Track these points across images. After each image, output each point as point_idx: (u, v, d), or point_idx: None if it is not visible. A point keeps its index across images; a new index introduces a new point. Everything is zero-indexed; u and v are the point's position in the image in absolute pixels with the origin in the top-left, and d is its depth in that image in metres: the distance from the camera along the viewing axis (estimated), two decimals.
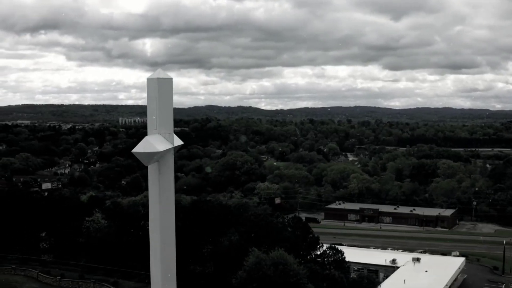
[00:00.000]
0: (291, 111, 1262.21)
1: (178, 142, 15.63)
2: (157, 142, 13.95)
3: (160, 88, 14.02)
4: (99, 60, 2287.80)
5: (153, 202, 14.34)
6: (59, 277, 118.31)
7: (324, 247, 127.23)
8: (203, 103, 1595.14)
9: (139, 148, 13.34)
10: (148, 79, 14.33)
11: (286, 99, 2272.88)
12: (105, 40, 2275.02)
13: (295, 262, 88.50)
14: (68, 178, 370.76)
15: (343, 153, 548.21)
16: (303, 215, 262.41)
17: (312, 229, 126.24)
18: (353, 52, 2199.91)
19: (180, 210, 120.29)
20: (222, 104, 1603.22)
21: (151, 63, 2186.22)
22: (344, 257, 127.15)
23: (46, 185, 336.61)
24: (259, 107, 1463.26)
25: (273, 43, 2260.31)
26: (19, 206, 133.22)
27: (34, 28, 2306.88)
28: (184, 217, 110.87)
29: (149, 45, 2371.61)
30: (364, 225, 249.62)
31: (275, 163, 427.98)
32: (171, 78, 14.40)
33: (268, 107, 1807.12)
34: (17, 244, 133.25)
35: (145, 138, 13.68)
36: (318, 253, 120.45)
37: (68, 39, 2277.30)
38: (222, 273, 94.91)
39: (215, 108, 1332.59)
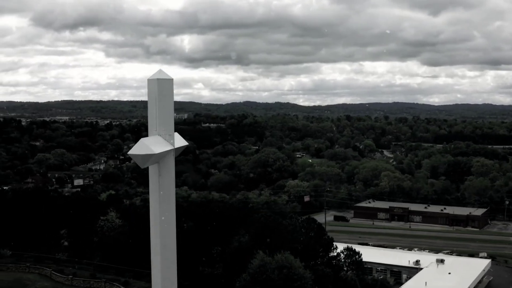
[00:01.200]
0: (329, 107, 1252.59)
1: (180, 143, 15.15)
2: (154, 144, 13.16)
3: (160, 88, 13.37)
4: (138, 56, 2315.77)
5: (154, 205, 13.66)
6: (71, 276, 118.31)
7: (341, 248, 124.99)
8: (241, 99, 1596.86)
9: (134, 150, 12.78)
10: (149, 80, 13.60)
11: (324, 95, 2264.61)
12: (143, 37, 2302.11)
13: (301, 266, 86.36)
14: (101, 174, 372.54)
15: (379, 150, 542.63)
16: (332, 214, 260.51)
17: (326, 231, 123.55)
18: (391, 48, 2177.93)
19: (193, 210, 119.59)
20: (260, 100, 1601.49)
21: (190, 59, 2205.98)
22: (361, 259, 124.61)
23: (78, 181, 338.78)
24: (297, 103, 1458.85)
25: (311, 39, 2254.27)
26: (37, 205, 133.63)
27: (73, 25, 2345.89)
28: (196, 217, 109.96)
29: (187, 42, 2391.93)
30: (393, 224, 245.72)
31: (309, 160, 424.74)
32: (172, 79, 13.68)
33: (306, 103, 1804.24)
34: (34, 243, 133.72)
35: (141, 140, 13.27)
36: (335, 254, 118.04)
37: (106, 35, 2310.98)
38: (230, 275, 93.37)
39: (252, 104, 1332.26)
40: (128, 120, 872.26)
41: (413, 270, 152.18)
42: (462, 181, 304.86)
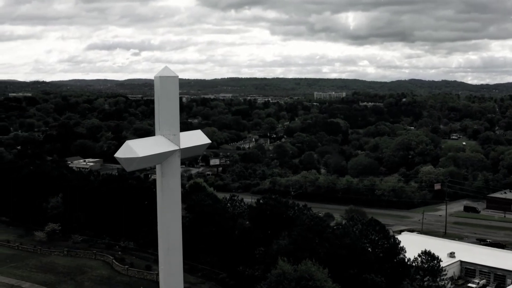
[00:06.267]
0: (497, 86, 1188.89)
1: (191, 143, 14.27)
2: (140, 146, 12.69)
3: (163, 87, 13.26)
4: (303, 34, 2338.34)
5: (160, 205, 13.56)
6: (127, 266, 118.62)
7: (418, 252, 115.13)
8: (407, 77, 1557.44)
9: (119, 153, 12.39)
10: (155, 77, 13.45)
11: (493, 73, 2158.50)
12: (308, 14, 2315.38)
13: (323, 278, 79.29)
14: (241, 154, 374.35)
15: None
16: (463, 203, 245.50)
17: (389, 233, 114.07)
18: None
19: (251, 210, 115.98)
20: (426, 78, 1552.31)
21: (354, 37, 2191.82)
22: (439, 265, 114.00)
23: (214, 161, 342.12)
24: (464, 81, 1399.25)
25: (479, 15, 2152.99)
26: (115, 193, 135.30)
27: (239, 4, 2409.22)
28: (253, 217, 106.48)
29: (351, 19, 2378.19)
30: None
31: (464, 143, 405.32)
32: (177, 76, 13.58)
33: (475, 82, 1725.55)
34: (109, 229, 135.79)
35: (126, 142, 12.59)
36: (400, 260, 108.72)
37: (271, 14, 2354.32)
38: (267, 278, 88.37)
39: (418, 82, 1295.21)
40: (289, 98, 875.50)
41: None
42: None
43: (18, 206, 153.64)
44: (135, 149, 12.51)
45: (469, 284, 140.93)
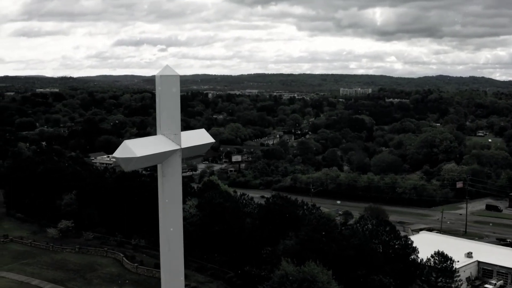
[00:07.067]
0: None
1: (193, 142, 13.21)
2: (139, 146, 11.65)
3: (164, 85, 12.50)
4: (329, 30, 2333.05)
5: (161, 205, 12.21)
6: (136, 264, 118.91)
7: (431, 253, 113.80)
8: (434, 73, 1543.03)
9: (117, 153, 11.35)
10: (156, 76, 12.70)
11: None
12: (335, 10, 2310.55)
13: (326, 279, 78.50)
14: (264, 150, 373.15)
15: None
16: (485, 202, 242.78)
17: (400, 233, 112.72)
18: None
19: (260, 209, 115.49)
20: (454, 74, 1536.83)
21: (381, 32, 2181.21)
22: (452, 266, 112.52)
23: (236, 158, 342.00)
24: (492, 78, 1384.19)
25: (508, 11, 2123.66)
26: (128, 191, 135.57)
27: (265, 0, 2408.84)
28: (262, 217, 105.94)
29: (378, 14, 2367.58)
30: None
31: (489, 140, 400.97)
32: (178, 75, 12.73)
33: (503, 78, 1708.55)
34: (121, 227, 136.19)
35: (124, 142, 11.59)
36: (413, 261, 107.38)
37: (298, 9, 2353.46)
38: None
39: (445, 78, 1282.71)
40: (315, 94, 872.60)
41: None
42: None
43: (33, 203, 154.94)
44: (133, 148, 11.54)
45: (486, 285, 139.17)
